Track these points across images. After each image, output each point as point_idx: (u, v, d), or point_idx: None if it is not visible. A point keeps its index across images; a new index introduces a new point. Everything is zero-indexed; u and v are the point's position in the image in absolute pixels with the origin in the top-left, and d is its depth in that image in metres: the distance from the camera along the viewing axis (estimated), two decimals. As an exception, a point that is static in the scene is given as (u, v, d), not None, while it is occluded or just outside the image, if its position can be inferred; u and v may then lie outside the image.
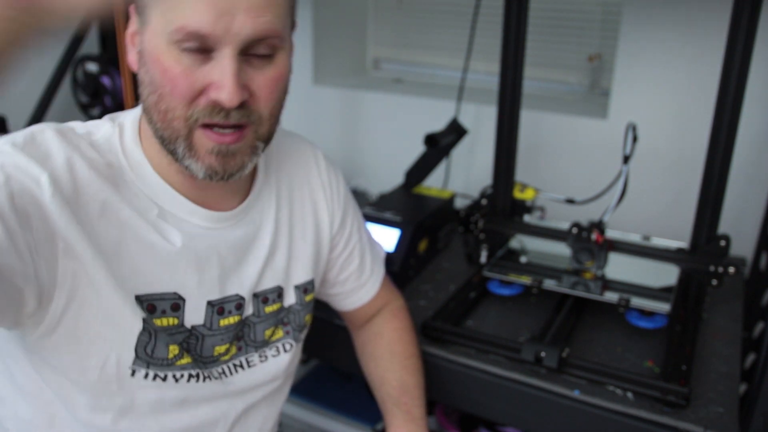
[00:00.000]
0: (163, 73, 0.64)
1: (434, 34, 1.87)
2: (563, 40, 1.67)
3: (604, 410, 0.92)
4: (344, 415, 1.44)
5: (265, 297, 0.83)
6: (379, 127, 1.83)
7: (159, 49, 0.64)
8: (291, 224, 0.86)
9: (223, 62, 0.63)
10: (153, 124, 0.68)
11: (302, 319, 0.89)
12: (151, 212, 0.71)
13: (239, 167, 0.70)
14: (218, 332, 0.78)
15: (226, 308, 0.78)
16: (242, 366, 0.83)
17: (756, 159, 1.37)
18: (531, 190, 1.31)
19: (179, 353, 0.74)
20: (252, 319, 0.82)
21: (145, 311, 0.70)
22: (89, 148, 0.69)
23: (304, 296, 0.88)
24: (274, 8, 0.64)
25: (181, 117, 0.65)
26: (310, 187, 0.89)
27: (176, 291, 0.73)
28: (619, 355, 1.03)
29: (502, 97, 1.23)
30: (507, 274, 1.18)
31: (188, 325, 0.75)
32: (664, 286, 1.12)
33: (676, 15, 1.38)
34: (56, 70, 1.73)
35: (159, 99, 0.66)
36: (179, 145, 0.67)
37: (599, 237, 1.14)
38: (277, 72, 0.68)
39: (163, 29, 0.63)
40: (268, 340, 0.85)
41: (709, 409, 0.90)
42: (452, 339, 1.06)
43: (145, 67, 0.67)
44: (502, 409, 1.01)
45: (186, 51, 0.63)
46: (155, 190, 0.72)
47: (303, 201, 0.88)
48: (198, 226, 0.75)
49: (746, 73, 1.04)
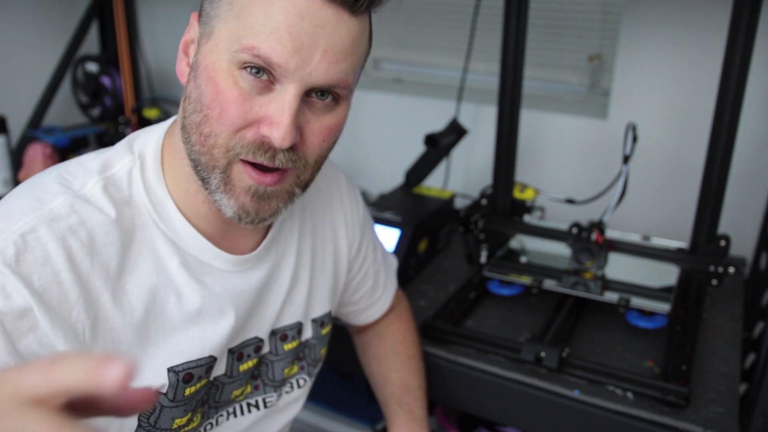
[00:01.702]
0: (216, 94, 0.58)
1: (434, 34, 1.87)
2: (563, 40, 1.67)
3: (604, 410, 0.92)
4: (344, 415, 1.44)
5: (284, 334, 0.79)
6: (379, 127, 1.83)
7: (217, 66, 0.58)
8: (313, 255, 0.81)
9: (285, 98, 0.58)
10: (190, 145, 0.62)
11: (318, 354, 0.86)
12: (172, 261, 0.65)
13: (273, 212, 0.65)
14: (238, 378, 0.74)
15: (245, 353, 0.74)
16: (257, 406, 0.79)
17: (756, 159, 1.37)
18: (531, 190, 1.30)
19: (185, 422, 0.69)
20: (269, 357, 0.78)
21: (182, 382, 0.66)
22: (98, 200, 0.61)
23: (320, 329, 0.85)
24: (352, 58, 0.60)
25: (223, 146, 0.59)
26: (331, 214, 0.85)
27: (212, 354, 0.68)
28: (619, 355, 1.03)
29: (502, 97, 1.23)
30: (507, 274, 1.18)
31: (212, 378, 0.71)
32: (664, 286, 1.12)
33: (676, 15, 1.38)
34: (56, 70, 1.73)
35: (203, 120, 0.59)
36: (215, 176, 0.61)
37: (599, 237, 1.14)
38: (335, 121, 0.64)
39: (228, 45, 0.57)
40: (285, 378, 0.82)
41: (709, 409, 0.90)
42: (452, 339, 1.06)
43: (195, 81, 0.60)
44: (502, 409, 1.01)
45: (247, 73, 0.57)
46: (178, 232, 0.66)
47: (324, 230, 0.84)
48: (221, 270, 0.69)
49: (746, 73, 1.04)
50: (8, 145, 1.55)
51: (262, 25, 0.56)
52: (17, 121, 1.68)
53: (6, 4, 1.77)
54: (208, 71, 0.59)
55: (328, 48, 0.57)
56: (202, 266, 0.68)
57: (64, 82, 1.76)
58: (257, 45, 0.56)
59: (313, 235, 0.82)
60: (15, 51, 1.81)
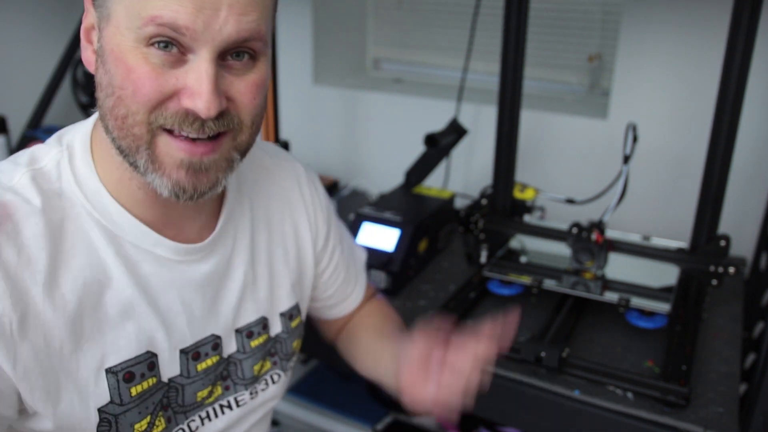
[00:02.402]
0: (127, 74, 0.55)
1: (434, 34, 1.87)
2: (563, 40, 1.67)
3: (604, 410, 0.92)
4: (344, 415, 1.44)
5: (249, 331, 0.77)
6: (379, 127, 1.83)
7: (123, 46, 0.55)
8: (270, 250, 0.79)
9: (201, 66, 0.55)
10: (109, 133, 0.59)
11: (290, 347, 0.83)
12: (107, 252, 0.62)
13: (212, 184, 0.61)
14: (198, 378, 0.71)
15: (202, 351, 0.71)
16: (230, 406, 0.77)
17: (756, 159, 1.37)
18: (531, 190, 1.30)
19: (147, 427, 0.67)
20: (237, 356, 0.76)
21: (124, 381, 0.64)
22: (25, 191, 0.60)
23: (290, 323, 0.82)
24: (260, 7, 0.57)
25: (143, 122, 0.57)
26: (290, 207, 0.82)
27: (149, 350, 0.66)
28: (619, 355, 1.03)
29: (502, 97, 1.23)
30: (507, 274, 1.18)
31: (165, 380, 0.68)
32: (664, 286, 1.12)
33: (676, 15, 1.38)
34: (56, 70, 1.73)
35: (117, 103, 0.57)
36: (141, 156, 0.58)
37: (599, 237, 1.14)
38: (259, 77, 0.60)
39: (129, 23, 0.55)
40: (258, 375, 0.79)
41: (709, 409, 0.90)
42: (452, 339, 1.05)
43: (104, 67, 0.58)
44: (502, 409, 1.01)
45: (156, 48, 0.55)
46: (114, 220, 0.63)
47: (283, 223, 0.81)
48: (163, 259, 0.66)
49: (746, 73, 1.04)
50: (8, 145, 1.55)
51: None
52: (17, 121, 1.68)
53: (6, 4, 1.77)
54: (114, 54, 0.56)
55: (233, 1, 0.54)
56: (142, 254, 0.65)
57: (64, 82, 1.76)
58: (159, 13, 0.53)
59: (269, 230, 0.79)
60: (15, 51, 1.81)
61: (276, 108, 1.55)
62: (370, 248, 1.24)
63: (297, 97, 1.90)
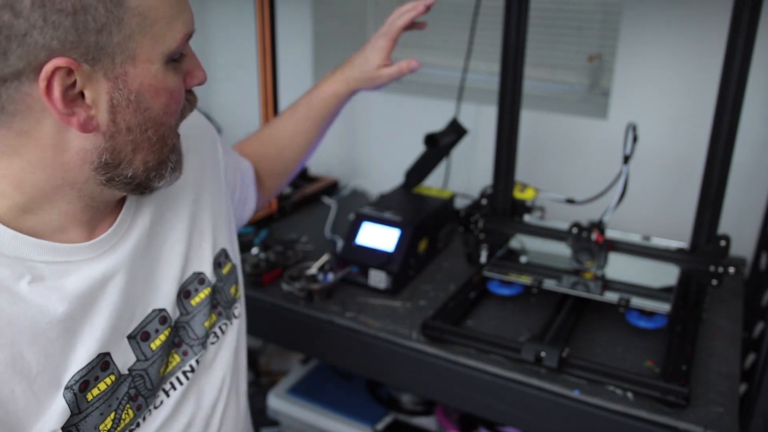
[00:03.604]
0: (170, 97, 0.61)
1: (434, 34, 1.87)
2: (563, 40, 1.67)
3: (604, 410, 0.92)
4: (344, 415, 1.44)
5: (186, 291, 0.76)
6: (379, 127, 1.83)
7: (159, 75, 0.59)
8: (183, 205, 0.78)
9: (187, 50, 0.64)
10: (132, 167, 0.61)
11: (228, 294, 0.82)
12: (21, 281, 0.59)
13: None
14: (156, 356, 0.70)
15: (150, 329, 0.70)
16: (193, 370, 0.76)
17: (756, 159, 1.37)
18: (531, 190, 1.31)
19: (113, 423, 0.66)
20: (182, 320, 0.75)
21: (80, 392, 0.62)
22: None
23: (220, 270, 0.81)
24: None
25: (174, 128, 0.64)
26: (189, 158, 0.81)
27: (98, 352, 0.64)
28: (619, 355, 1.03)
29: (502, 97, 1.23)
30: (507, 274, 1.18)
31: (125, 371, 0.67)
32: (664, 286, 1.12)
33: (676, 15, 1.38)
34: (56, 70, 1.72)
35: (158, 128, 0.61)
36: (171, 160, 0.64)
37: (599, 237, 1.14)
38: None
39: (158, 50, 0.58)
40: (209, 330, 0.78)
41: (709, 409, 0.90)
42: (452, 339, 1.06)
43: (137, 108, 0.59)
44: (502, 409, 1.01)
45: (175, 62, 0.61)
46: (16, 247, 0.60)
47: (187, 175, 0.79)
48: (83, 261, 0.64)
49: (746, 73, 1.04)
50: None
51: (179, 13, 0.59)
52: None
53: (6, 4, 1.77)
54: (153, 87, 0.59)
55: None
56: (58, 269, 0.62)
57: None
58: (189, 30, 0.61)
59: (177, 191, 0.78)
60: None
61: (276, 108, 1.54)
62: (370, 248, 1.24)
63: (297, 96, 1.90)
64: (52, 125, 0.57)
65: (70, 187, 0.61)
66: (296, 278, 1.21)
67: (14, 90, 0.54)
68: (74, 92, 0.55)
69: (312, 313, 1.16)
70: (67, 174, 0.60)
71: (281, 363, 1.71)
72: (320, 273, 1.22)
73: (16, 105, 0.55)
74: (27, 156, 0.58)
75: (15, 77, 0.54)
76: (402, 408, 1.47)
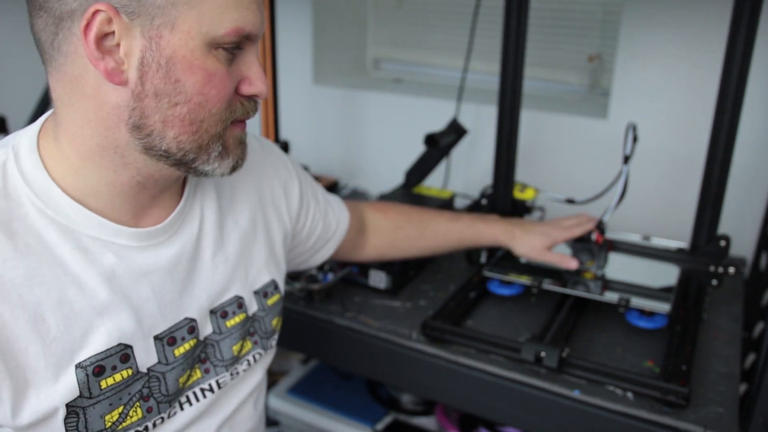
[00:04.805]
0: (208, 78, 0.61)
1: (434, 34, 1.87)
2: (563, 40, 1.67)
3: (604, 410, 0.92)
4: (344, 415, 1.44)
5: (224, 311, 0.77)
6: (379, 127, 1.83)
7: (197, 52, 0.60)
8: (240, 228, 0.80)
9: (253, 59, 0.65)
10: (165, 140, 0.62)
11: (269, 325, 0.84)
12: (64, 248, 0.62)
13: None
14: (177, 363, 0.71)
15: (177, 336, 0.71)
16: (211, 389, 0.77)
17: (756, 159, 1.37)
18: (531, 190, 1.30)
19: (119, 418, 0.67)
20: (213, 338, 0.76)
21: (93, 375, 0.63)
22: None
23: (265, 300, 0.82)
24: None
25: (220, 119, 0.64)
26: (256, 177, 0.84)
27: (120, 341, 0.65)
28: (619, 355, 1.03)
29: (502, 97, 1.23)
30: (507, 274, 1.18)
31: (143, 370, 0.68)
32: (664, 286, 1.12)
33: (676, 15, 1.38)
34: (56, 70, 1.73)
35: (195, 108, 0.62)
36: (212, 149, 0.65)
37: (599, 237, 1.14)
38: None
39: (205, 30, 0.59)
40: (238, 355, 0.79)
41: (709, 409, 0.90)
42: (452, 339, 1.06)
43: (167, 75, 0.60)
44: (502, 409, 1.01)
45: (222, 50, 0.61)
46: (68, 215, 0.63)
47: (249, 195, 0.82)
48: (125, 248, 0.66)
49: (746, 73, 1.04)
50: (8, 145, 1.55)
51: (239, 4, 0.61)
52: (17, 121, 1.68)
53: (6, 4, 1.77)
54: (188, 60, 0.60)
55: (261, 5, 0.64)
56: (102, 246, 0.65)
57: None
58: (242, 26, 0.61)
59: (236, 208, 0.80)
60: (15, 51, 1.81)
61: (276, 108, 1.55)
62: (370, 248, 1.24)
63: (297, 96, 1.90)
64: (93, 73, 0.60)
65: (113, 150, 0.63)
66: (296, 278, 1.21)
67: (68, 30, 0.59)
68: (112, 43, 0.59)
69: (312, 313, 1.16)
70: (108, 133, 0.62)
71: (281, 363, 1.71)
72: (320, 273, 1.22)
73: (68, 46, 0.60)
74: (77, 106, 0.62)
75: (69, 17, 0.58)
76: (402, 408, 1.47)
